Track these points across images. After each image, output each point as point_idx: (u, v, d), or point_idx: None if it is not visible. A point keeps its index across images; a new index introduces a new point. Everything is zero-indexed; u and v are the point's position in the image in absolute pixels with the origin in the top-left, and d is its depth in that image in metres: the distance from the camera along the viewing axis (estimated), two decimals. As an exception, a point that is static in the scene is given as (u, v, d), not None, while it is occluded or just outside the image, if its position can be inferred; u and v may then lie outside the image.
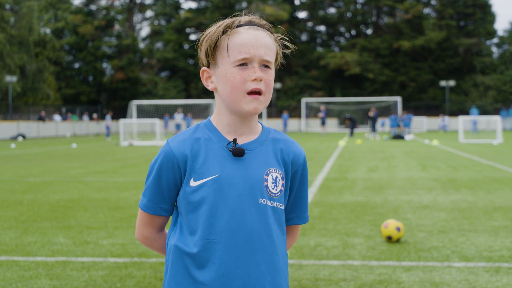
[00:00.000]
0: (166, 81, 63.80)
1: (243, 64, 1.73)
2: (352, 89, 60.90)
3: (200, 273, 1.73)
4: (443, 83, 54.45)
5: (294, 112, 58.26)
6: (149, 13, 69.21)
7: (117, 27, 65.46)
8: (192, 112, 43.45)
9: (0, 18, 46.89)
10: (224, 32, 1.75)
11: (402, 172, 13.24)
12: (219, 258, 1.72)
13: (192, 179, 1.76)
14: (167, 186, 1.79)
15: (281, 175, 1.81)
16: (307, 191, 1.92)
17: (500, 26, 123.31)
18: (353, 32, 66.36)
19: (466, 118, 34.56)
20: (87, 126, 50.19)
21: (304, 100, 51.97)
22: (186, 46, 62.94)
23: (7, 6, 51.08)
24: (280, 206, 1.81)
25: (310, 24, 67.00)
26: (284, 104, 58.95)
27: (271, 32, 1.81)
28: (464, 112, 51.82)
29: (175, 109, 42.99)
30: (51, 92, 53.27)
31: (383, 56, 60.51)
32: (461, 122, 30.12)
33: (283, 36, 1.86)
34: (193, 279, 1.74)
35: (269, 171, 1.78)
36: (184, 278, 1.75)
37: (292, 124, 52.85)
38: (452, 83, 54.36)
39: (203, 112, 42.51)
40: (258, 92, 1.74)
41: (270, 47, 1.76)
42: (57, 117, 47.52)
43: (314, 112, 52.73)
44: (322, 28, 67.34)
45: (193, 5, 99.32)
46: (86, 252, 5.74)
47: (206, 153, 1.77)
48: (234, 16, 1.80)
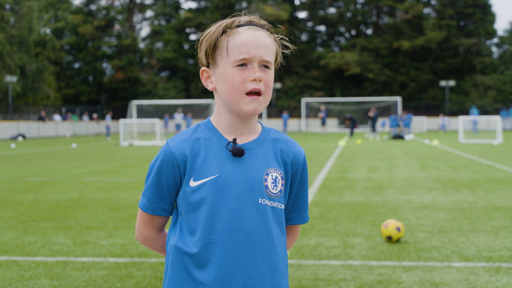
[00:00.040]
0: (166, 81, 63.80)
1: (242, 65, 1.73)
2: (352, 89, 60.91)
3: (200, 273, 1.73)
4: (443, 83, 54.45)
5: (294, 112, 58.25)
6: (149, 13, 69.27)
7: (117, 27, 65.47)
8: (192, 112, 43.44)
9: (0, 18, 46.88)
10: (223, 32, 1.75)
11: (402, 172, 13.24)
12: (219, 258, 1.72)
13: (192, 179, 1.76)
14: (167, 186, 1.79)
15: (281, 175, 1.81)
16: (307, 191, 1.92)
17: (500, 26, 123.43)
18: (353, 32, 66.37)
19: (466, 118, 34.56)
20: (87, 126, 50.20)
21: (304, 100, 51.97)
22: (186, 46, 62.93)
23: (7, 6, 51.08)
24: (280, 206, 1.81)
25: (310, 24, 67.00)
26: (284, 104, 58.95)
27: (271, 32, 1.80)
28: (464, 112, 51.81)
29: (175, 109, 42.98)
30: (51, 92, 53.27)
31: (383, 56, 60.52)
32: (461, 122, 30.11)
33: (282, 36, 1.85)
34: (193, 279, 1.74)
35: (269, 171, 1.78)
36: (184, 278, 1.75)
37: (292, 124, 52.85)
38: (452, 83, 54.35)
39: (203, 112, 42.50)
40: (258, 93, 1.74)
41: (269, 47, 1.76)
42: (57, 117, 47.52)
43: (314, 112, 52.72)
44: (322, 28, 67.36)
45: (193, 5, 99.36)
46: (86, 252, 5.74)
47: (206, 153, 1.77)
48: (234, 16, 1.80)
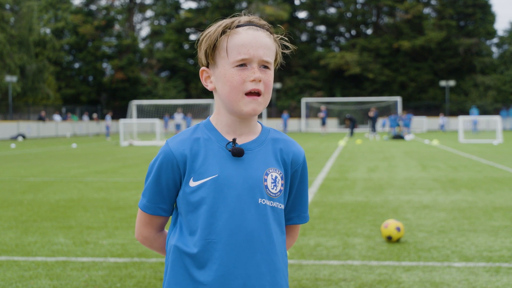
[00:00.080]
0: (166, 81, 63.80)
1: (242, 65, 1.73)
2: (352, 89, 60.90)
3: (200, 273, 1.73)
4: (443, 83, 54.44)
5: (294, 112, 58.25)
6: (149, 13, 69.26)
7: (117, 27, 65.46)
8: (192, 112, 43.44)
9: (0, 18, 46.89)
10: (223, 32, 1.74)
11: (402, 172, 13.24)
12: (219, 258, 1.72)
13: (191, 179, 1.75)
14: (167, 187, 1.79)
15: (280, 175, 1.81)
16: (307, 190, 1.92)
17: (500, 26, 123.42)
18: (353, 32, 66.36)
19: (466, 118, 34.56)
20: (87, 126, 50.20)
21: (304, 100, 51.97)
22: (186, 46, 62.92)
23: (7, 6, 51.08)
24: (280, 206, 1.81)
25: (310, 24, 67.00)
26: (284, 104, 58.94)
27: (271, 32, 1.80)
28: (464, 112, 51.80)
29: (175, 109, 42.98)
30: (51, 92, 53.26)
31: (383, 56, 60.51)
32: (461, 122, 30.11)
33: (282, 36, 1.85)
34: (192, 279, 1.74)
35: (268, 171, 1.78)
36: (184, 278, 1.75)
37: (292, 124, 52.84)
38: (452, 83, 54.34)
39: (203, 112, 42.50)
40: (257, 93, 1.74)
41: (269, 47, 1.76)
42: (57, 117, 47.51)
43: (314, 112, 52.72)
44: (322, 28, 67.35)
45: (193, 5, 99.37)
46: (86, 252, 5.74)
47: (206, 153, 1.77)
48: (233, 16, 1.80)
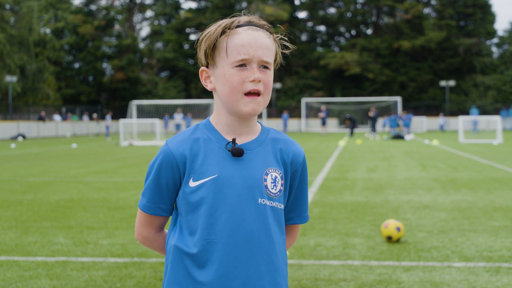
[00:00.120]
0: (166, 81, 63.80)
1: (242, 65, 1.73)
2: (352, 89, 60.90)
3: (200, 273, 1.73)
4: (443, 83, 54.44)
5: (294, 112, 58.25)
6: (149, 13, 69.26)
7: (117, 27, 65.46)
8: (192, 112, 43.44)
9: (0, 18, 46.89)
10: (223, 32, 1.74)
11: (402, 172, 13.24)
12: (219, 258, 1.72)
13: (191, 179, 1.75)
14: (166, 187, 1.79)
15: (280, 175, 1.81)
16: (307, 190, 1.92)
17: (500, 26, 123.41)
18: (353, 32, 66.36)
19: (466, 118, 34.56)
20: (87, 126, 50.20)
21: (304, 100, 51.97)
22: (186, 46, 62.93)
23: (7, 6, 51.08)
24: (280, 206, 1.81)
25: (310, 24, 67.00)
26: (284, 104, 58.94)
27: (271, 32, 1.80)
28: (464, 112, 51.81)
29: (175, 109, 42.98)
30: (51, 92, 53.27)
31: (383, 56, 60.51)
32: (461, 122, 30.11)
33: (282, 37, 1.85)
34: (192, 279, 1.74)
35: (268, 171, 1.78)
36: (184, 278, 1.75)
37: (292, 124, 52.85)
38: (452, 83, 54.35)
39: (203, 112, 42.49)
40: (257, 93, 1.74)
41: (269, 48, 1.76)
42: (57, 117, 47.51)
43: (314, 112, 52.72)
44: (322, 28, 67.35)
45: (193, 5, 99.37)
46: (86, 252, 5.74)
47: (205, 153, 1.77)
48: (233, 16, 1.80)
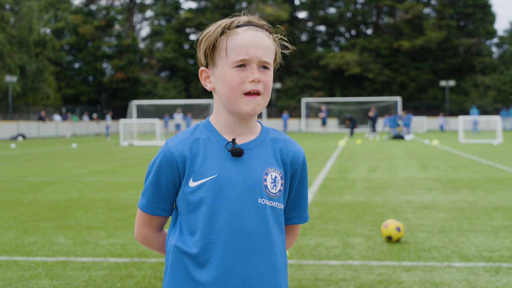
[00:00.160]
0: (166, 81, 63.81)
1: (241, 65, 1.73)
2: (352, 89, 60.91)
3: (200, 273, 1.73)
4: (443, 83, 54.45)
5: (294, 112, 58.25)
6: (149, 13, 69.27)
7: (117, 27, 65.47)
8: (192, 112, 43.44)
9: (0, 18, 46.88)
10: (222, 32, 1.74)
11: (402, 172, 13.24)
12: (218, 258, 1.72)
13: (191, 179, 1.75)
14: (166, 187, 1.79)
15: (280, 174, 1.80)
16: (306, 190, 1.91)
17: (500, 26, 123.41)
18: (353, 32, 66.36)
19: (466, 118, 34.55)
20: (87, 126, 50.19)
21: (304, 100, 51.98)
22: (186, 46, 62.95)
23: (7, 6, 51.08)
24: (279, 206, 1.81)
25: (310, 24, 67.00)
26: (284, 104, 58.95)
27: (270, 32, 1.80)
28: (464, 112, 51.81)
29: (175, 109, 42.98)
30: (51, 92, 53.27)
31: (383, 56, 60.52)
32: (461, 122, 30.10)
33: (282, 37, 1.85)
34: (192, 279, 1.74)
35: (268, 171, 1.78)
36: (184, 278, 1.75)
37: (292, 124, 52.85)
38: (452, 83, 54.36)
39: (203, 112, 42.49)
40: (257, 93, 1.74)
41: (269, 48, 1.76)
42: (57, 117, 47.51)
43: (314, 112, 52.73)
44: (322, 28, 67.36)
45: (193, 5, 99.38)
46: (86, 252, 5.74)
47: (205, 153, 1.77)
48: (233, 16, 1.79)
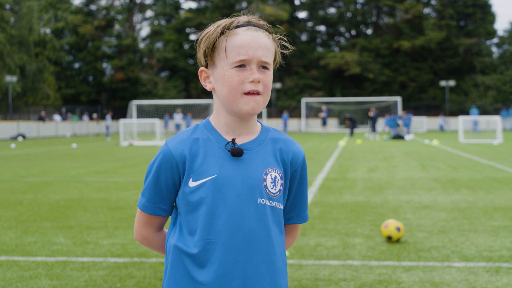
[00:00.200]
0: (166, 81, 63.80)
1: (241, 66, 1.73)
2: (352, 89, 60.90)
3: (200, 273, 1.73)
4: (443, 83, 54.45)
5: (294, 112, 58.25)
6: (149, 13, 69.27)
7: (117, 27, 65.47)
8: (192, 112, 43.44)
9: (0, 18, 46.88)
10: (222, 33, 1.74)
11: (402, 172, 13.24)
12: (218, 258, 1.72)
13: (191, 179, 1.75)
14: (166, 187, 1.79)
15: (280, 174, 1.80)
16: (306, 190, 1.91)
17: (500, 26, 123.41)
18: (353, 32, 66.36)
19: (466, 118, 34.55)
20: (87, 126, 50.19)
21: (304, 100, 51.98)
22: (186, 46, 62.96)
23: (7, 6, 51.08)
24: (279, 205, 1.81)
25: (310, 24, 66.99)
26: (284, 104, 58.95)
27: (270, 32, 1.80)
28: (464, 112, 51.81)
29: (175, 109, 42.98)
30: (51, 92, 53.26)
31: (383, 56, 60.51)
32: (461, 122, 30.10)
33: (281, 37, 1.85)
34: (192, 279, 1.74)
35: (268, 171, 1.78)
36: (184, 278, 1.75)
37: (292, 124, 52.85)
38: (452, 83, 54.35)
39: (203, 112, 42.49)
40: (256, 93, 1.74)
41: (268, 48, 1.76)
42: (57, 117, 47.51)
43: (314, 112, 52.73)
44: (322, 28, 67.35)
45: (193, 5, 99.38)
46: (86, 252, 5.74)
47: (205, 153, 1.77)
48: (233, 16, 1.79)
